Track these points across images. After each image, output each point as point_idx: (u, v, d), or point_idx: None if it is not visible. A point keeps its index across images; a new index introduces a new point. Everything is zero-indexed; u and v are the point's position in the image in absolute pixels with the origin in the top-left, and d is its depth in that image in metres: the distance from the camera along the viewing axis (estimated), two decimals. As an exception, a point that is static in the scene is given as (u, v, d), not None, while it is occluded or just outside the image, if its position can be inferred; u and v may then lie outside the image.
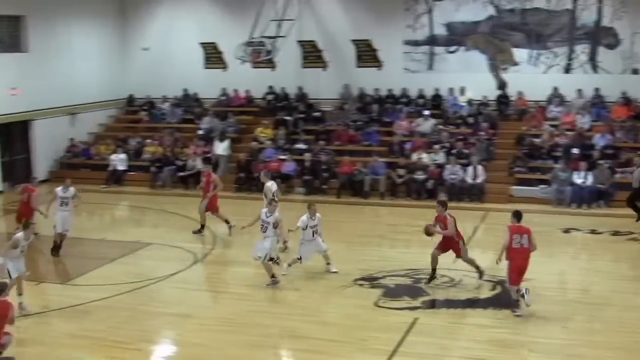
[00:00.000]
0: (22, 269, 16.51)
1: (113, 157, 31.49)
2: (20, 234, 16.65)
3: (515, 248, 15.81)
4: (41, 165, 32.11)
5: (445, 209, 17.80)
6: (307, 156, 29.53)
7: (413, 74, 31.99)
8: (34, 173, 31.34)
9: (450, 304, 16.78)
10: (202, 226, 23.19)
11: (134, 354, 14.53)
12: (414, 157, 28.45)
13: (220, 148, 30.93)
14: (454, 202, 26.55)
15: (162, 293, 18.20)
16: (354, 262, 19.72)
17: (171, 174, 30.19)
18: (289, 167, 29.21)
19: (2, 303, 13.20)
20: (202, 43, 35.00)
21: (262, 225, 18.11)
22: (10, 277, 16.10)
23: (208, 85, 34.60)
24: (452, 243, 17.71)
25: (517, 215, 16.26)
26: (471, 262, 17.94)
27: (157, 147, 31.94)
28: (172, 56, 35.16)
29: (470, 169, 27.24)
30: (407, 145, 29.34)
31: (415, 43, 31.89)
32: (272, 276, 17.99)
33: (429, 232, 17.77)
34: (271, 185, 21.28)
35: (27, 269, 16.76)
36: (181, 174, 30.06)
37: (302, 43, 33.14)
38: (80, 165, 32.58)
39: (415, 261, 19.50)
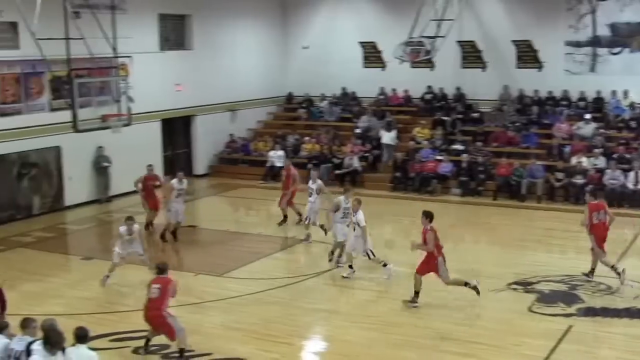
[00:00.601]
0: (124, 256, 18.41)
1: (271, 153, 31.95)
2: (122, 228, 18.34)
3: (596, 224, 17.83)
4: (201, 160, 33.02)
5: (430, 221, 16.46)
6: (464, 157, 29.31)
7: (574, 75, 31.20)
8: (195, 168, 32.42)
9: (606, 312, 16.32)
10: (299, 215, 23.92)
11: (285, 348, 14.73)
12: (573, 160, 27.80)
13: (387, 137, 31.14)
14: (614, 207, 25.89)
15: (315, 289, 18.42)
16: (509, 266, 19.50)
17: (328, 172, 30.42)
18: (445, 167, 29.05)
19: (164, 280, 13.84)
20: (361, 42, 35.13)
21: (345, 213, 18.91)
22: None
23: (366, 84, 34.69)
24: (431, 262, 16.47)
25: (595, 194, 18.83)
26: (455, 283, 16.83)
27: (314, 145, 32.29)
28: (331, 55, 35.42)
29: (631, 174, 26.44)
30: (567, 149, 28.75)
31: (577, 44, 31.10)
32: (350, 266, 18.87)
33: (412, 247, 16.78)
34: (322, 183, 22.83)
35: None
36: (338, 171, 30.30)
37: (461, 43, 32.83)
38: (238, 160, 33.31)
39: (571, 267, 19.10)
